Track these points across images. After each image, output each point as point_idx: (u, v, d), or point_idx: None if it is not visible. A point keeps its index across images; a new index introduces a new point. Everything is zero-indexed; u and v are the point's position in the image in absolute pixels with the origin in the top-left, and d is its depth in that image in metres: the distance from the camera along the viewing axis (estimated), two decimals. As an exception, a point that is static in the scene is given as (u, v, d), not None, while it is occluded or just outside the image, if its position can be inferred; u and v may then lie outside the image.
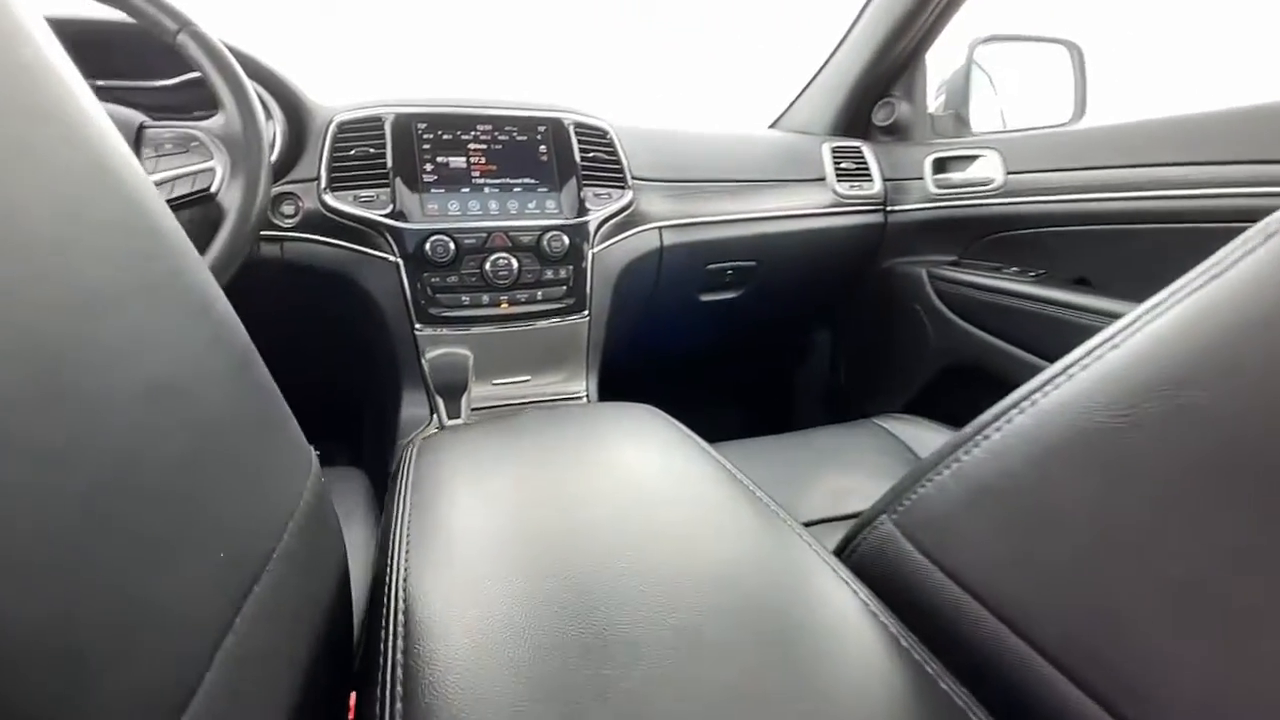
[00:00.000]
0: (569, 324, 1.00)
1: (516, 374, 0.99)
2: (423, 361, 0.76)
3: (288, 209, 0.90)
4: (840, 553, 0.41)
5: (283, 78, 0.89)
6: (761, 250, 1.23)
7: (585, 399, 1.01)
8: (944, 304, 1.25)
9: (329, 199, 0.89)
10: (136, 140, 0.68)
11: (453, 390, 0.76)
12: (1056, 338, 1.07)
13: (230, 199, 0.69)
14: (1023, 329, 1.10)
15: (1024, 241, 1.13)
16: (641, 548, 0.33)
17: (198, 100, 0.92)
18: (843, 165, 1.30)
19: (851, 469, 0.93)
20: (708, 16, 2.40)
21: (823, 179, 1.28)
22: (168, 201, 0.69)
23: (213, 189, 0.69)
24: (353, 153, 0.91)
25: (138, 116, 0.70)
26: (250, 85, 0.72)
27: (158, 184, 0.68)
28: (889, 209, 1.32)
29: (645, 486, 0.42)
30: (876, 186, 1.31)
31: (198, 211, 0.72)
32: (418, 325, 0.92)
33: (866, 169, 1.32)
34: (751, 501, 0.41)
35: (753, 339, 1.63)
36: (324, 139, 0.91)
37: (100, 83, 0.87)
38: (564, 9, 2.25)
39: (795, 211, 1.24)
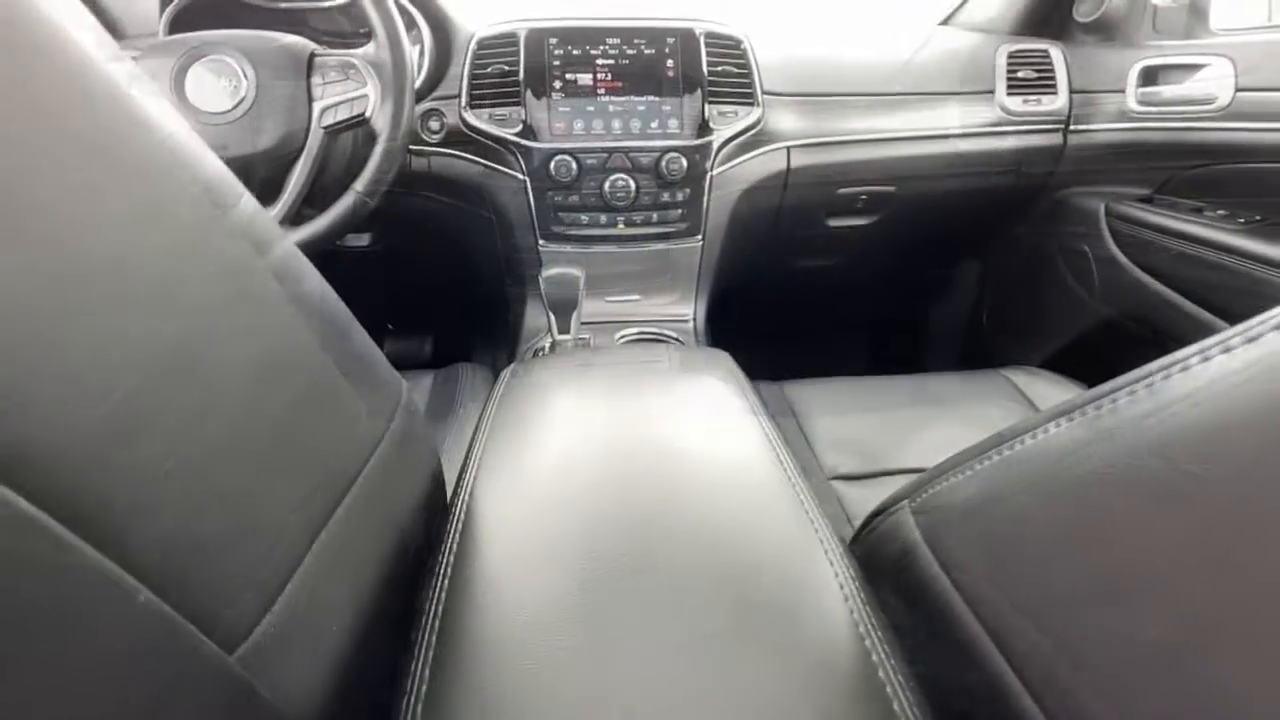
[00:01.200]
0: (682, 247, 1.01)
1: (628, 292, 1.04)
2: (540, 278, 0.83)
3: (434, 124, 0.98)
4: (862, 529, 0.42)
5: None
6: (900, 175, 1.12)
7: (691, 323, 1.05)
8: (1119, 247, 1.08)
9: (468, 116, 0.96)
10: (309, 67, 0.78)
11: (564, 307, 0.83)
12: (1259, 305, 0.89)
13: (381, 123, 0.78)
14: (1216, 287, 0.93)
15: (1244, 179, 0.92)
16: (653, 504, 0.38)
17: (364, 20, 1.01)
18: (1019, 74, 1.12)
19: (954, 422, 0.89)
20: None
21: (990, 92, 1.11)
22: (332, 126, 0.81)
23: (367, 114, 0.78)
24: (489, 70, 0.96)
25: (309, 45, 0.80)
26: (395, 13, 0.78)
27: (324, 109, 0.78)
28: (1071, 128, 1.13)
29: (678, 444, 0.45)
30: (1060, 100, 1.11)
31: (360, 132, 0.82)
32: (541, 241, 0.99)
33: (1050, 78, 1.12)
34: (774, 465, 0.43)
35: (886, 270, 1.53)
36: (465, 56, 0.96)
37: (281, 4, 0.98)
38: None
39: (946, 130, 1.10)
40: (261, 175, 0.79)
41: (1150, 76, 1.03)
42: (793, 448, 0.75)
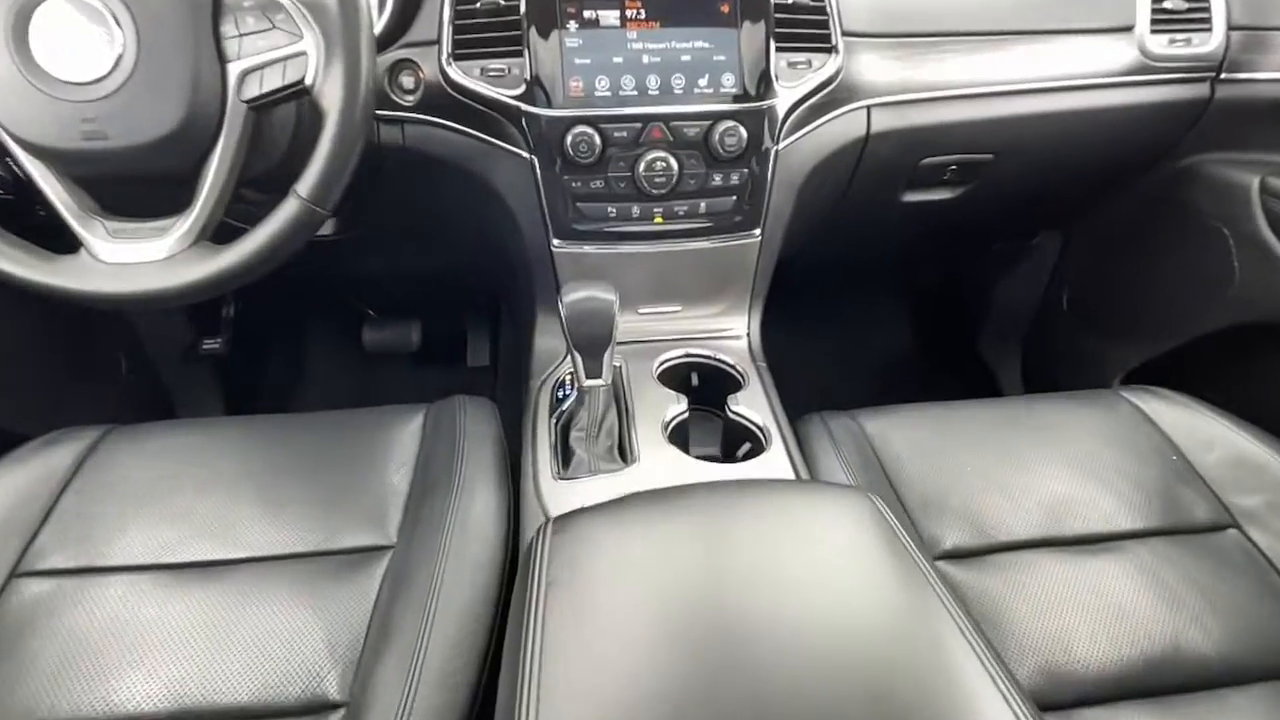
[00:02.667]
0: (735, 244, 0.79)
1: (666, 302, 0.82)
2: (560, 302, 0.62)
3: (407, 80, 0.73)
4: None
5: None
6: (1007, 139, 0.89)
7: (745, 340, 0.83)
8: (1274, 231, 0.86)
9: (453, 72, 0.71)
10: (215, 11, 0.53)
11: (594, 346, 0.62)
12: None
13: (330, 94, 0.54)
14: None
15: None
16: None
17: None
18: (1165, 3, 0.86)
19: (1075, 468, 0.71)
20: None
21: (1129, 28, 0.86)
22: (257, 100, 0.56)
23: (307, 80, 0.54)
24: (479, 5, 0.70)
25: None
26: None
27: (244, 74, 0.53)
28: (1222, 77, 0.88)
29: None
30: (1214, 41, 0.87)
31: (302, 107, 0.57)
32: (555, 241, 0.76)
33: (1204, 8, 0.87)
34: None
35: (948, 245, 1.31)
36: (444, -15, 0.70)
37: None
38: None
39: (1073, 80, 0.86)
40: (162, 174, 0.55)
41: (1348, 9, 0.79)
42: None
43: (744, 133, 0.72)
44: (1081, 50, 0.86)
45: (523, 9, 0.69)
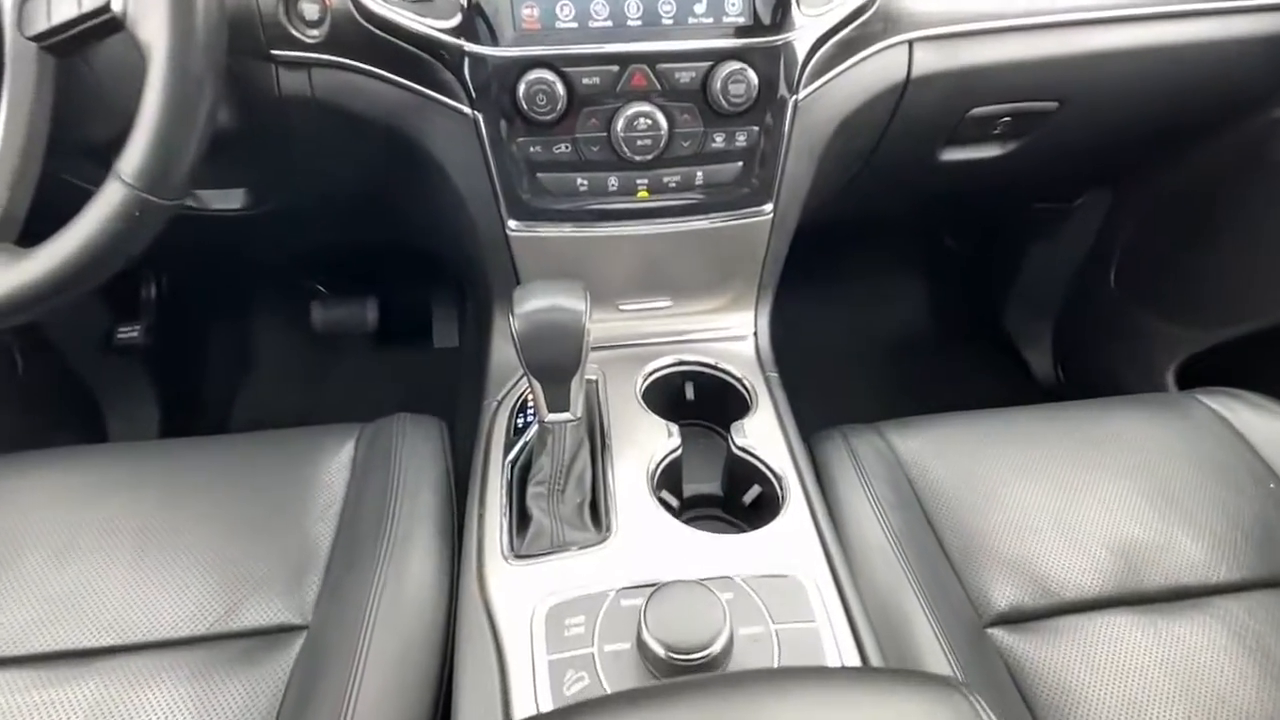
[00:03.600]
0: (740, 224, 0.62)
1: (653, 296, 0.67)
2: (511, 313, 0.47)
3: (309, 8, 0.55)
4: None
5: None
6: (1077, 83, 0.72)
7: (752, 341, 0.68)
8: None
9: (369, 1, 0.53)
10: None
11: (558, 371, 0.47)
12: None
13: (149, 26, 0.36)
14: None
15: None
16: None
17: None
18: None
19: (1158, 501, 0.58)
20: None
21: (1234, -64, 0.68)
22: (47, 36, 0.38)
23: (114, 6, 0.36)
24: (395, -99, 0.51)
25: None
26: None
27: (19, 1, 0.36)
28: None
29: None
30: (1342, -47, 0.69)
31: (113, 50, 0.40)
32: (510, 223, 0.60)
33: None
34: None
35: (978, 205, 1.14)
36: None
37: None
38: None
39: (1162, 7, 0.68)
40: None
41: None
42: (924, 571, 0.52)
43: (753, 78, 0.55)
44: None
45: (455, -94, 0.51)
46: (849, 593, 0.47)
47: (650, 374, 0.63)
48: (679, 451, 0.55)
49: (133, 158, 0.38)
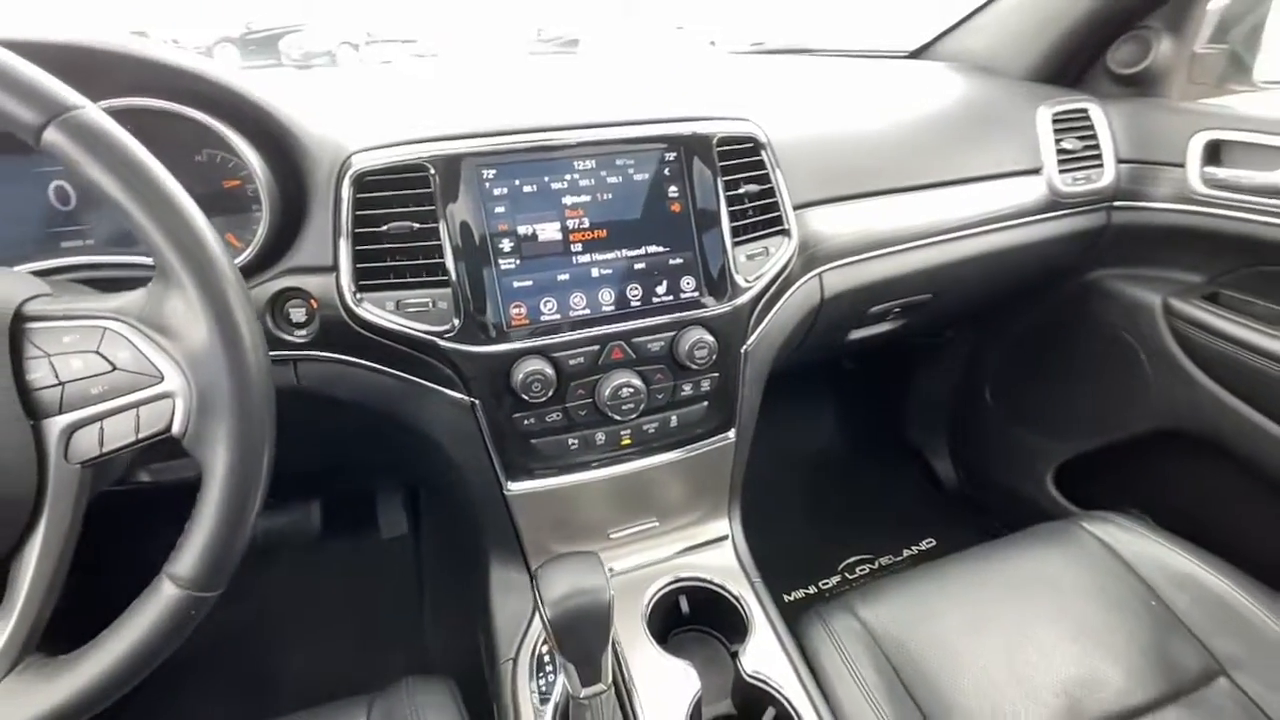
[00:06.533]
0: (709, 449, 0.71)
1: (639, 518, 0.72)
2: (539, 602, 0.50)
3: (296, 313, 0.58)
4: None
5: (250, 93, 0.54)
6: (941, 280, 0.89)
7: (730, 540, 0.75)
8: (1182, 348, 0.92)
9: (363, 310, 0.57)
10: (13, 350, 0.36)
11: (590, 653, 0.51)
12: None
13: (212, 447, 0.38)
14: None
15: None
16: None
17: (146, 137, 0.56)
18: (1063, 144, 0.90)
19: (1083, 632, 0.70)
20: None
21: (1038, 170, 0.89)
22: (99, 459, 0.40)
23: (175, 429, 0.38)
24: (386, 228, 0.57)
25: (8, 299, 0.37)
26: (196, 219, 0.38)
27: (70, 429, 0.37)
28: (1116, 204, 0.94)
29: None
30: (1108, 176, 0.92)
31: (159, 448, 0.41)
32: (509, 485, 0.64)
33: (1095, 146, 0.92)
34: None
35: (875, 352, 1.32)
36: (336, 199, 0.56)
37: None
38: None
39: (992, 223, 0.87)
40: None
41: (1214, 153, 0.86)
42: None
43: (710, 339, 0.64)
44: (1001, 192, 0.87)
45: (443, 233, 0.57)
46: None
47: (652, 598, 0.67)
48: (700, 692, 0.59)
49: (188, 562, 0.39)
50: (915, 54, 1.15)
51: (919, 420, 1.41)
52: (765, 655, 0.63)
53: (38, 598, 0.38)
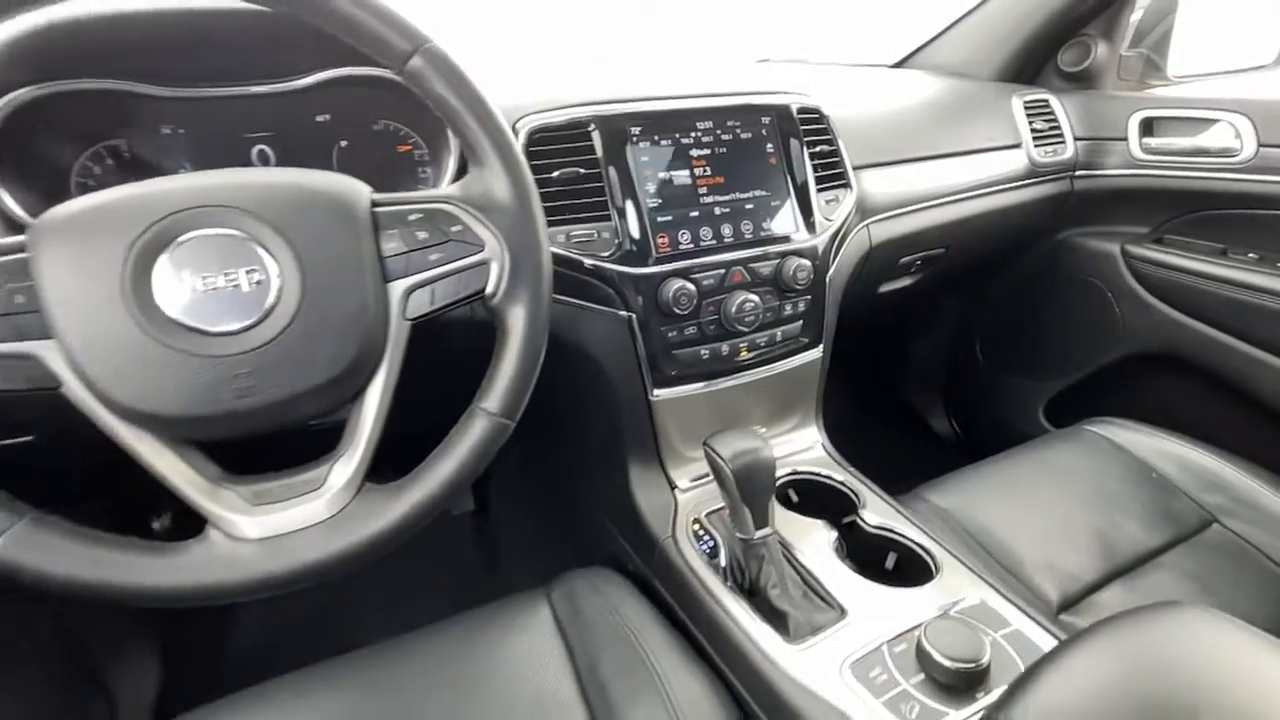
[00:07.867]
0: (802, 363, 0.84)
1: (749, 426, 0.85)
2: (718, 457, 0.61)
3: None
4: None
5: None
6: (953, 235, 1.07)
7: (821, 445, 0.89)
8: (1141, 284, 1.14)
9: (541, 242, 0.68)
10: (374, 226, 0.47)
11: (760, 497, 0.62)
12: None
13: (517, 301, 0.49)
14: (1257, 325, 1.00)
15: (1269, 225, 1.01)
16: None
17: (336, 107, 0.67)
18: (1034, 125, 1.12)
19: (1108, 502, 0.86)
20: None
21: (1019, 145, 1.10)
22: (427, 315, 0.50)
23: (489, 289, 0.49)
24: (556, 175, 0.69)
25: (359, 187, 0.48)
26: (506, 127, 0.50)
27: (410, 290, 0.47)
28: (1077, 174, 1.16)
29: None
30: (1069, 150, 1.14)
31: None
32: (655, 391, 0.75)
33: (1056, 126, 1.14)
34: None
35: (881, 312, 1.50)
36: (511, 154, 0.68)
37: (215, 91, 0.61)
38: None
39: (989, 188, 1.07)
40: (316, 418, 0.46)
41: (1149, 127, 1.10)
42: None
43: (810, 265, 0.79)
44: (991, 162, 1.08)
45: (608, 188, 0.70)
46: (1007, 602, 0.65)
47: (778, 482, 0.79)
48: (839, 538, 0.71)
49: (497, 397, 0.49)
50: (897, 65, 1.37)
51: (918, 384, 1.59)
52: (886, 516, 0.76)
53: (376, 434, 0.47)
